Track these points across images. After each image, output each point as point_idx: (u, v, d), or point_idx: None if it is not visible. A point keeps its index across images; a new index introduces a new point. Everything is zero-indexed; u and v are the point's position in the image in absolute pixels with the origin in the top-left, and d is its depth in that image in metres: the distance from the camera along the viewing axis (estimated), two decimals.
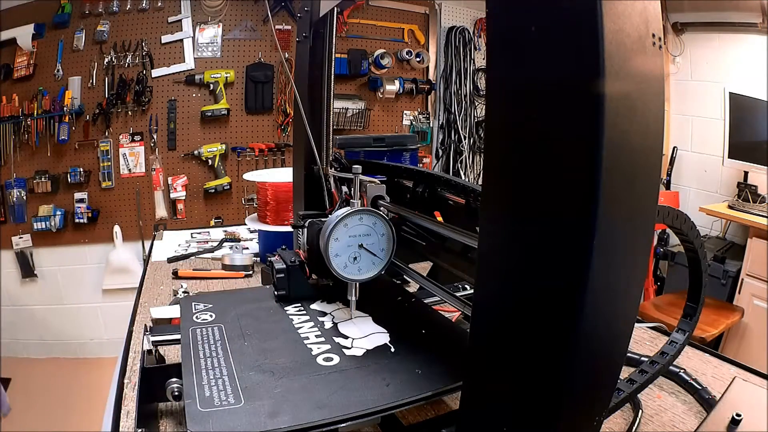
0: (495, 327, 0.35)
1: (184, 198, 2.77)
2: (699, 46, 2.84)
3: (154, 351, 0.65)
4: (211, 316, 0.66)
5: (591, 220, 0.27)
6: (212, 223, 2.77)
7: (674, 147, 2.99)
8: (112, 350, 2.55)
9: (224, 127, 2.78)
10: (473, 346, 0.37)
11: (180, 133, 2.71)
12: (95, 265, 2.71)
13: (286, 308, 0.68)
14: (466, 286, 0.81)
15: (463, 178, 3.02)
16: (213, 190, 2.78)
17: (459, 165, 3.23)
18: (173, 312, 0.88)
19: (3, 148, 2.47)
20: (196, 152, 2.73)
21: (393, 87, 3.01)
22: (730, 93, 2.53)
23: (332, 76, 0.88)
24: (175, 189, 2.74)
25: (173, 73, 2.65)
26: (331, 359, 0.55)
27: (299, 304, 0.69)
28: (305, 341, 0.59)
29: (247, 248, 1.39)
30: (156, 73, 2.62)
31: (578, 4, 0.27)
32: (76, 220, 2.62)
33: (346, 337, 0.60)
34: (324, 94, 0.88)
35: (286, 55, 2.72)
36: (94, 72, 2.54)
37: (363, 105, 3.03)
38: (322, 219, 0.68)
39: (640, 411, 0.63)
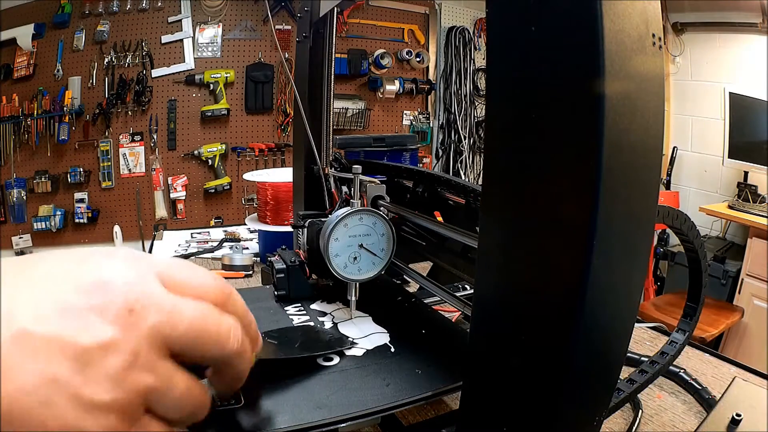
0: (495, 327, 0.35)
1: (184, 198, 2.77)
2: (699, 46, 2.84)
3: None
4: None
5: (591, 220, 0.27)
6: (212, 223, 2.77)
7: (674, 147, 2.99)
8: None
9: (224, 127, 2.78)
10: (473, 346, 0.37)
11: (180, 133, 2.71)
12: None
13: (286, 308, 0.68)
14: (466, 286, 0.81)
15: (463, 178, 3.02)
16: (213, 190, 2.78)
17: (459, 165, 3.23)
18: None
19: (3, 148, 2.47)
20: (196, 152, 2.73)
21: (393, 87, 3.01)
22: (730, 93, 2.53)
23: (332, 76, 0.88)
24: (175, 189, 2.74)
25: (173, 73, 2.66)
26: (331, 359, 0.55)
27: (299, 304, 0.69)
28: None
29: (247, 248, 1.39)
30: (156, 73, 2.62)
31: (578, 4, 0.27)
32: (76, 220, 2.62)
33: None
34: (324, 94, 0.88)
35: (286, 55, 2.72)
36: (94, 72, 2.54)
37: (363, 105, 3.03)
38: (322, 219, 0.68)
39: (640, 411, 0.63)
